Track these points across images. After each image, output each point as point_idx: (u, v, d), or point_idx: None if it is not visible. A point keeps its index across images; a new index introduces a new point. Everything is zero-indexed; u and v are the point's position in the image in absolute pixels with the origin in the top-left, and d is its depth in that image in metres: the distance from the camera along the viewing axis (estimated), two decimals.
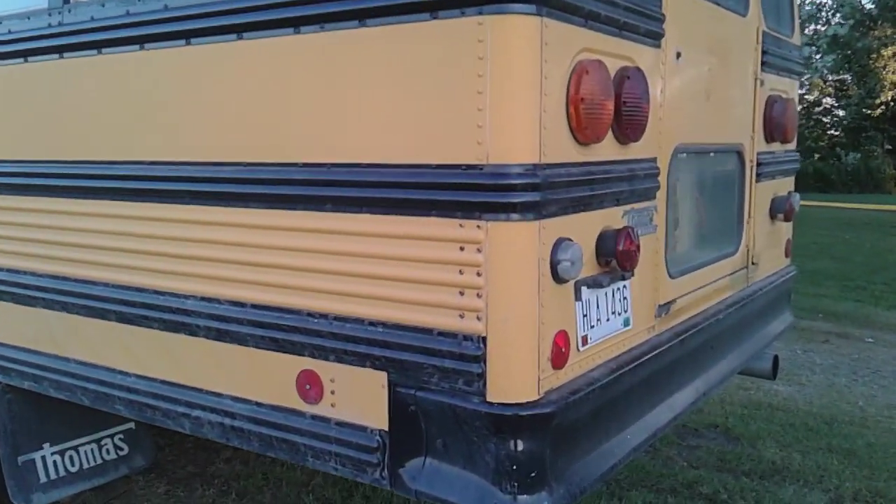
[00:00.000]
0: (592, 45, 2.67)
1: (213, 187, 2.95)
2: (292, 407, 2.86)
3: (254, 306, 2.90)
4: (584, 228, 2.68)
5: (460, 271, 2.43)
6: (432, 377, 2.53)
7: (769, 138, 4.59)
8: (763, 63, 4.40)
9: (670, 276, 3.46)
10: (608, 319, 2.91)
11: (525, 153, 2.39)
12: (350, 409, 2.72)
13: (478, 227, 2.40)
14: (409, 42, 2.46)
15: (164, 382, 3.24)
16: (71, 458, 3.99)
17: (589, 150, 2.69)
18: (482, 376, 2.44)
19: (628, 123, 2.85)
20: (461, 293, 2.44)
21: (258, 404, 2.96)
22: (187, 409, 3.16)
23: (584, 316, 2.75)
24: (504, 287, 2.41)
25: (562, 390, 2.58)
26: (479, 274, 2.40)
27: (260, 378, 2.95)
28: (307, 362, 2.80)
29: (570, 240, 2.56)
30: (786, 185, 4.96)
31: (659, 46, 3.16)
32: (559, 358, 2.59)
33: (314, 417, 2.81)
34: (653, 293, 3.29)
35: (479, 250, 2.40)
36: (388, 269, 2.57)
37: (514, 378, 2.46)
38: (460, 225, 2.42)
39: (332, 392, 2.75)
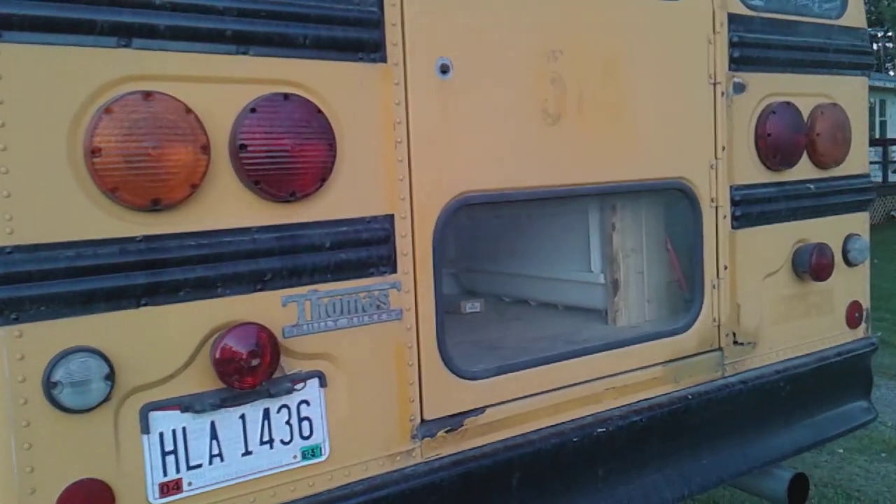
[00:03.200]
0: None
1: None
2: None
3: None
4: (140, 331, 1.89)
5: None
6: None
7: (772, 163, 3.21)
8: (737, 60, 3.08)
9: (461, 377, 2.45)
10: (248, 453, 2.05)
11: None
12: None
13: None
14: None
15: None
16: None
17: (160, 217, 1.90)
18: None
19: (267, 173, 2.00)
20: None
21: None
22: None
23: (169, 454, 1.94)
24: None
25: None
26: None
27: None
28: None
29: (83, 350, 1.80)
30: (824, 227, 3.45)
31: (382, 60, 2.22)
32: None
33: None
34: (402, 405, 2.32)
35: None
36: None
37: None
38: None
39: None
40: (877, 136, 29.84)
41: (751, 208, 3.17)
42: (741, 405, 3.15)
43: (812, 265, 3.30)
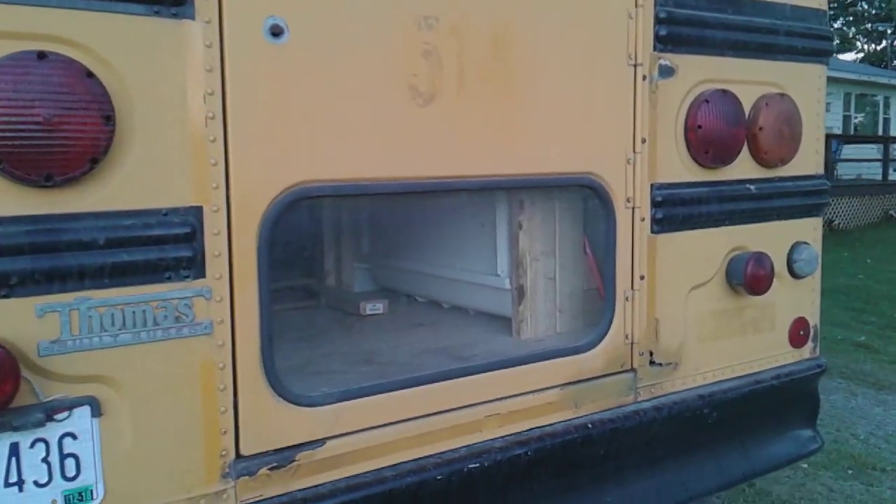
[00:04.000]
0: None
1: None
2: None
3: None
4: None
5: None
6: None
7: (704, 160, 2.79)
8: (664, 39, 2.65)
9: (294, 403, 2.04)
10: None
11: None
12: None
13: None
14: None
15: None
16: None
17: None
18: None
19: (11, 151, 1.59)
20: None
21: None
22: None
23: None
24: None
25: None
26: None
27: None
28: None
29: None
30: (765, 234, 3.04)
31: (188, 16, 1.80)
32: None
33: None
34: (209, 438, 1.92)
35: None
36: None
37: None
38: None
39: None
40: (880, 132, 29.28)
41: (675, 210, 2.75)
42: (656, 434, 2.75)
43: (747, 277, 2.89)
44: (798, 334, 3.22)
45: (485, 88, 2.28)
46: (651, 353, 2.76)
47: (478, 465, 2.30)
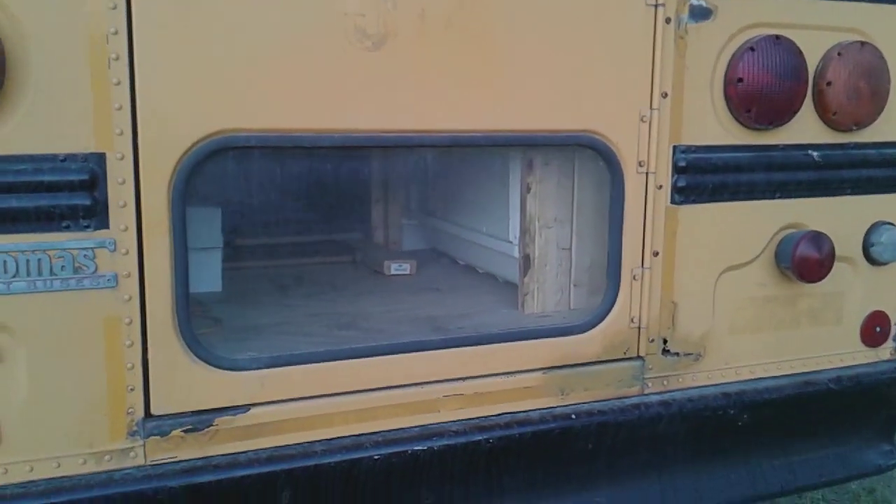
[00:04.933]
0: None
1: None
2: None
3: None
4: None
5: None
6: None
7: (747, 120, 2.37)
8: None
9: (216, 366, 1.94)
10: None
11: None
12: None
13: None
14: None
15: None
16: None
17: None
18: None
19: None
20: None
21: None
22: None
23: None
24: None
25: None
26: None
27: None
28: None
29: None
30: (833, 210, 2.55)
31: None
32: None
33: None
34: (114, 394, 1.85)
35: None
36: None
37: None
38: None
39: None
40: None
41: (705, 178, 2.36)
42: (665, 433, 2.42)
43: (795, 260, 2.45)
44: (873, 331, 2.72)
45: (451, 29, 2.02)
46: (665, 341, 2.41)
47: (427, 448, 2.11)
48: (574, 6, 2.14)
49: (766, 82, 2.33)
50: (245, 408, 1.97)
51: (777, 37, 2.34)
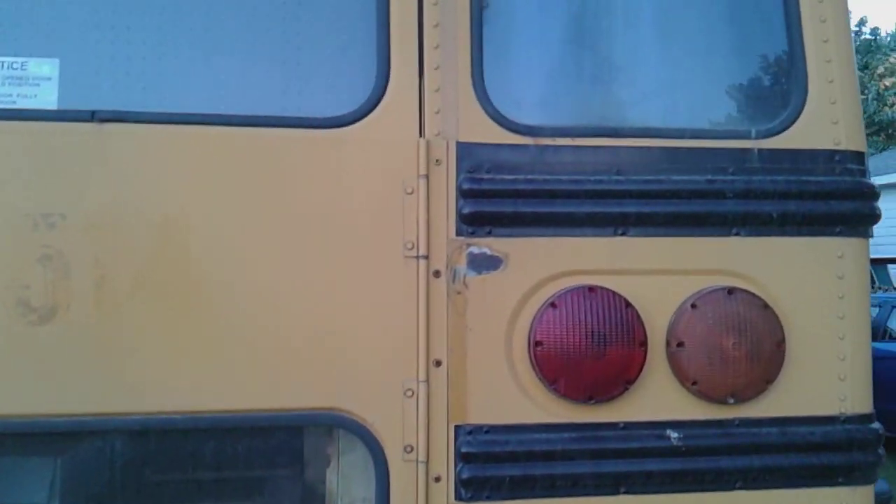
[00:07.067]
0: None
1: None
2: None
3: None
4: None
5: None
6: None
7: (562, 390, 1.85)
8: (475, 218, 1.86)
9: None
10: None
11: None
12: None
13: None
14: None
15: None
16: None
17: None
18: None
19: None
20: None
21: None
22: None
23: None
24: None
25: None
26: None
27: None
28: None
29: None
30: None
31: None
32: None
33: None
34: None
35: None
36: None
37: None
38: None
39: None
40: None
41: (500, 469, 1.82)
42: None
43: None
44: None
45: (138, 297, 1.75)
46: None
47: None
48: (308, 257, 1.81)
49: (573, 346, 1.82)
50: None
51: (591, 288, 1.84)
